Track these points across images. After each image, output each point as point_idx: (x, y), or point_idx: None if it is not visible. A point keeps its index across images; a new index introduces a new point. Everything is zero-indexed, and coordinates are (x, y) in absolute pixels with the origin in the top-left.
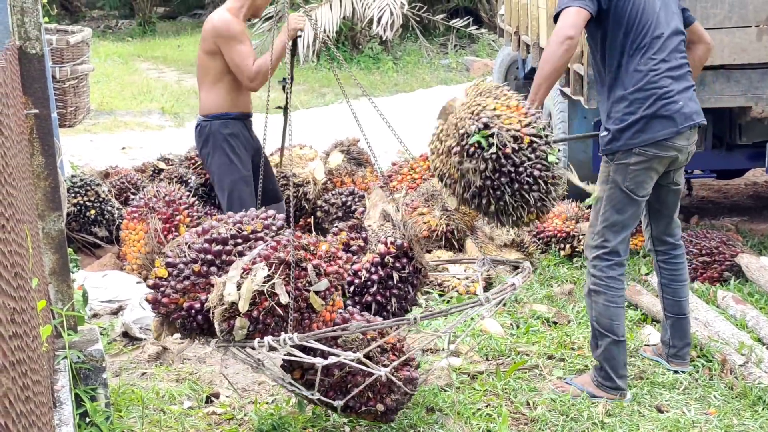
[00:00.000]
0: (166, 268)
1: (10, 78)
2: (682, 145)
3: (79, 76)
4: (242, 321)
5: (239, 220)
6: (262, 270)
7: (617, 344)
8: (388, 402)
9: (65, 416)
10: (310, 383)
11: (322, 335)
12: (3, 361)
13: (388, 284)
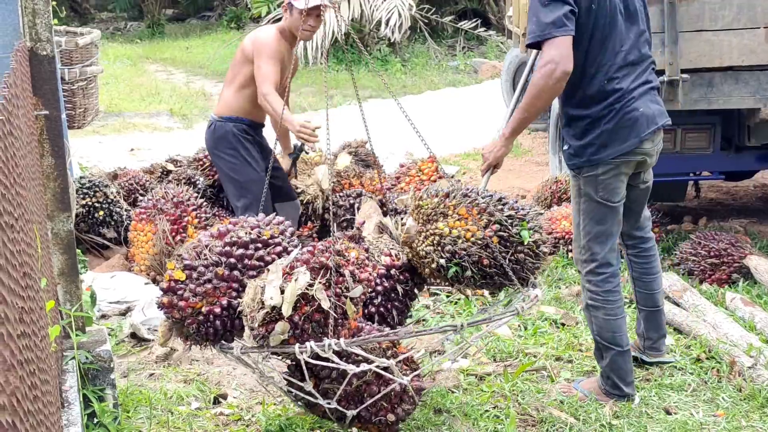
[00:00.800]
0: (183, 271)
1: (21, 79)
2: (648, 149)
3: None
4: (284, 325)
5: (257, 225)
6: (305, 274)
7: (622, 355)
8: (398, 412)
9: (73, 416)
10: (324, 392)
11: (369, 342)
12: (11, 359)
13: (391, 296)
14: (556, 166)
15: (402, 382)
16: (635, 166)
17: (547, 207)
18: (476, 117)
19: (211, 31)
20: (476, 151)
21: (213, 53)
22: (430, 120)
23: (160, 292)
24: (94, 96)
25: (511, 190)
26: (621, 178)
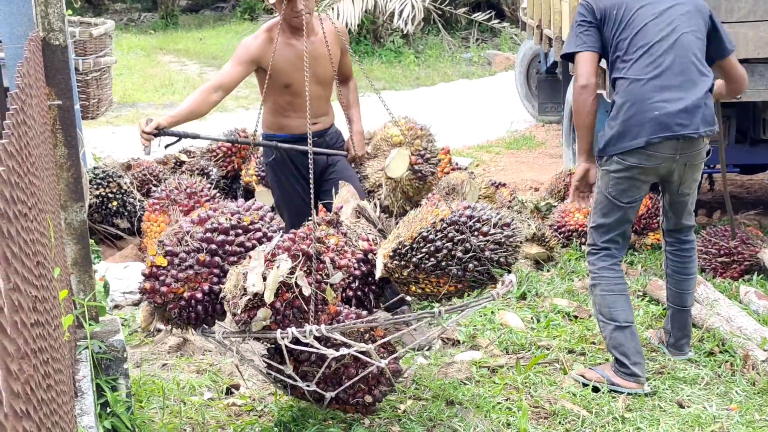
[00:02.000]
0: (165, 257)
1: (34, 69)
2: (665, 154)
3: (101, 68)
4: (266, 312)
5: (236, 211)
6: (286, 261)
7: (621, 330)
8: (375, 393)
9: (86, 406)
10: (303, 375)
11: (350, 327)
12: (24, 348)
13: (368, 280)
14: (569, 159)
15: (379, 365)
16: (657, 175)
17: (560, 199)
18: (490, 109)
19: (225, 22)
20: (489, 143)
21: (226, 44)
22: (443, 112)
23: (142, 278)
24: (107, 87)
25: (525, 183)
26: (635, 183)
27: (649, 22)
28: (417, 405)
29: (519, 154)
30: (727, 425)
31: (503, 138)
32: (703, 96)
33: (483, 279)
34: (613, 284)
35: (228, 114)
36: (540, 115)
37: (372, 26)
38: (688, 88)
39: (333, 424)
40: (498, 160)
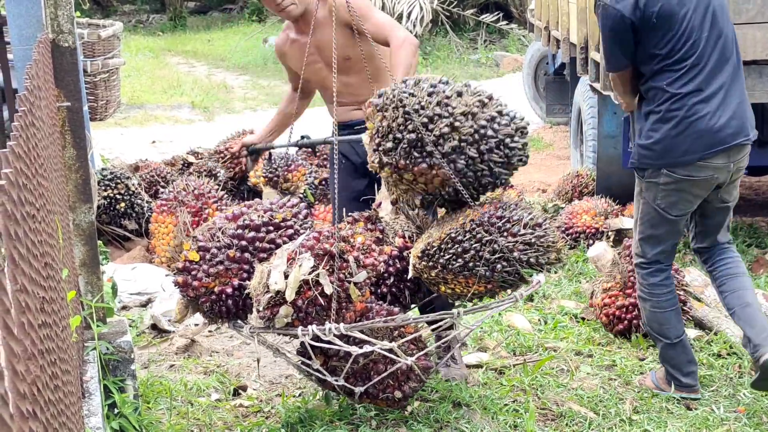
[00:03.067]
0: (197, 252)
1: (43, 71)
2: (718, 164)
3: (110, 69)
4: (287, 309)
5: (270, 208)
6: (308, 260)
7: (673, 347)
8: (405, 389)
9: (94, 407)
10: (332, 369)
11: (370, 326)
12: (32, 349)
13: (403, 277)
14: (577, 160)
15: (406, 362)
16: (707, 186)
17: (568, 201)
18: None
19: (233, 24)
20: None
21: (234, 46)
22: None
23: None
24: (116, 88)
25: (532, 184)
26: (685, 196)
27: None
28: (424, 406)
29: None
30: (734, 427)
31: None
32: (745, 98)
33: (513, 279)
34: (663, 301)
35: (235, 115)
36: (548, 117)
37: None
38: (732, 93)
39: (340, 425)
40: None
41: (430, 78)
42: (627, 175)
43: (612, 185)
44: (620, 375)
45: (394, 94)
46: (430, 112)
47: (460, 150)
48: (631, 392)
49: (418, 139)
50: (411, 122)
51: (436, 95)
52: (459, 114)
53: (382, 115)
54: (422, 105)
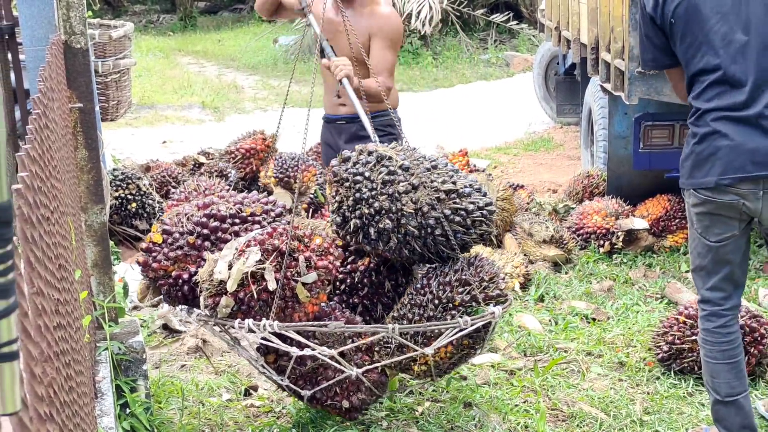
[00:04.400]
0: (161, 234)
1: (56, 72)
2: (742, 191)
3: (121, 70)
4: (228, 300)
5: (240, 201)
6: (255, 254)
7: (724, 405)
8: (354, 400)
9: (106, 407)
10: (282, 369)
11: (302, 328)
12: (48, 351)
13: (378, 291)
14: (587, 161)
15: (350, 373)
16: (733, 210)
17: (578, 201)
18: (508, 110)
19: (243, 24)
20: (507, 144)
21: (245, 46)
22: (461, 113)
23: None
24: (126, 88)
25: (543, 184)
26: (718, 219)
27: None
28: (435, 407)
29: (537, 156)
30: None
31: (521, 140)
32: None
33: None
34: (716, 351)
35: (246, 115)
36: (558, 117)
37: None
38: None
39: (351, 426)
40: (516, 161)
41: (397, 154)
42: (638, 176)
43: (623, 186)
44: (630, 376)
45: (351, 171)
46: (378, 204)
47: (404, 242)
48: (641, 393)
49: (363, 226)
50: (359, 209)
51: (391, 185)
52: (408, 210)
53: (337, 188)
54: (373, 195)
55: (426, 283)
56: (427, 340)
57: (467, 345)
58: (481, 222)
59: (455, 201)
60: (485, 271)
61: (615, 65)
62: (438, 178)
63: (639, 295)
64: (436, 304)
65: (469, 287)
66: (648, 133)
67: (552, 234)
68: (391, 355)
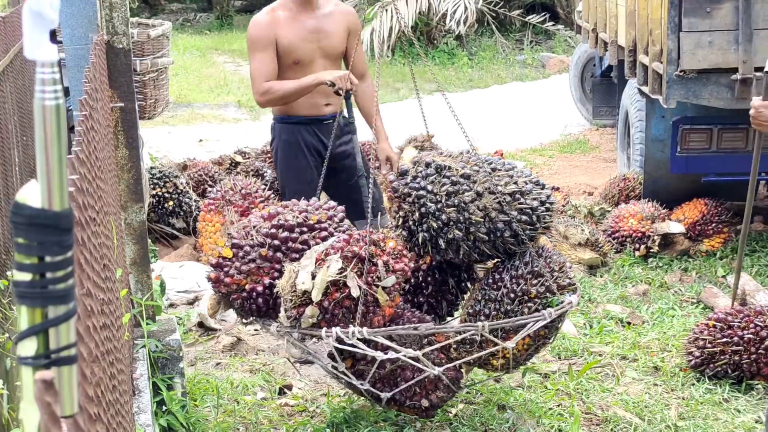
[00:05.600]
0: (231, 249)
1: (99, 72)
2: None
3: (159, 69)
4: (313, 310)
5: (305, 209)
6: (336, 262)
7: None
8: (433, 398)
9: (143, 404)
10: (359, 373)
11: (395, 332)
12: (95, 351)
13: (442, 288)
14: (624, 163)
15: (432, 372)
16: None
17: (614, 204)
18: (543, 112)
19: None
20: (542, 146)
21: None
22: (496, 114)
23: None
24: (164, 87)
25: (578, 187)
26: None
27: None
28: (468, 409)
29: (572, 158)
30: None
31: (557, 141)
32: None
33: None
34: None
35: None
36: (594, 119)
37: (425, 28)
38: None
39: (385, 426)
40: (551, 163)
41: (455, 162)
42: (674, 180)
43: (659, 189)
44: (665, 381)
45: (412, 186)
46: (446, 217)
47: (473, 248)
48: (676, 398)
49: (431, 239)
50: (426, 222)
51: (456, 196)
52: (476, 219)
53: (399, 203)
54: (439, 207)
55: (498, 278)
56: (506, 334)
57: (543, 335)
58: (545, 216)
59: (520, 201)
60: (554, 261)
61: (653, 68)
62: (500, 181)
63: (674, 299)
64: (512, 297)
65: (543, 278)
66: (686, 137)
67: (587, 237)
68: (469, 351)
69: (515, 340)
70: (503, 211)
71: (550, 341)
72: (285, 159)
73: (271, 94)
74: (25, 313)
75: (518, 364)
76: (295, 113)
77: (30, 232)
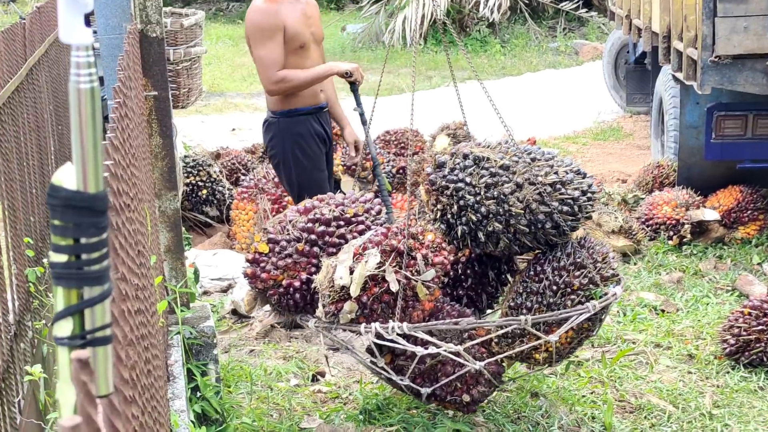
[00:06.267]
0: (267, 244)
1: (133, 61)
2: None
3: (192, 58)
4: (352, 305)
5: (341, 203)
6: (375, 256)
7: None
8: (474, 393)
9: (178, 390)
10: (400, 369)
11: (432, 327)
12: (130, 335)
13: (482, 281)
14: (658, 151)
15: (473, 367)
16: None
17: (648, 192)
18: (576, 99)
19: None
20: (576, 133)
21: None
22: (529, 102)
23: (246, 263)
24: (197, 76)
25: (612, 174)
26: None
27: None
28: (501, 396)
29: (606, 145)
30: None
31: (590, 129)
32: None
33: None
34: None
35: None
36: (628, 106)
37: (458, 15)
38: None
39: (417, 414)
40: (585, 151)
41: (493, 153)
42: (709, 167)
43: (693, 176)
44: (700, 369)
45: (450, 179)
46: (485, 209)
47: (513, 240)
48: (711, 386)
49: (470, 232)
50: (465, 215)
51: (495, 188)
52: (516, 210)
53: (437, 196)
54: (478, 200)
55: (540, 270)
56: (548, 327)
57: (586, 328)
58: (587, 206)
59: (561, 191)
60: (597, 251)
61: (687, 54)
62: (540, 171)
63: (709, 287)
64: (555, 290)
65: (586, 270)
66: (720, 123)
67: (621, 224)
68: (511, 345)
69: (558, 333)
70: (544, 202)
71: (593, 333)
72: (302, 151)
73: (286, 83)
74: (60, 293)
75: (561, 358)
76: (302, 104)
77: (66, 213)
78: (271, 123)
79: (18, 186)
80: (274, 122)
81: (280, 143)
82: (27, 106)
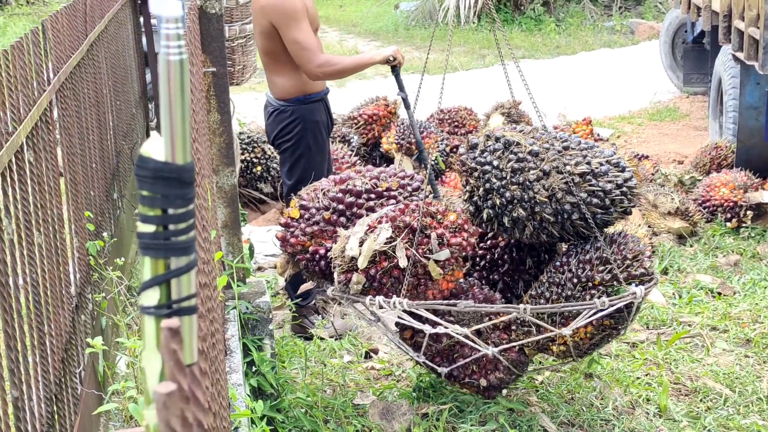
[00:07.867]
0: (299, 209)
1: (193, 37)
2: None
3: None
4: (359, 277)
5: (377, 176)
6: (386, 231)
7: None
8: (491, 378)
9: (235, 364)
10: (418, 345)
11: (432, 306)
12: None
13: (519, 267)
14: (716, 132)
15: (486, 352)
16: None
17: (705, 173)
18: (632, 79)
19: None
20: (631, 113)
21: (366, 12)
22: (584, 81)
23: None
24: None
25: (668, 155)
26: None
27: None
28: (555, 377)
29: (662, 126)
30: None
31: (646, 109)
32: None
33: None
34: None
35: (366, 81)
36: (685, 86)
37: None
38: None
39: (470, 393)
40: (640, 131)
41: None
42: None
43: (752, 158)
44: (757, 353)
45: (479, 160)
46: (510, 194)
47: (540, 228)
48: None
49: (496, 216)
50: (491, 198)
51: (521, 173)
52: (541, 198)
53: (467, 177)
54: (503, 184)
55: (565, 261)
56: (565, 320)
57: (609, 325)
58: (621, 200)
59: (591, 183)
60: (629, 248)
61: (749, 33)
62: (571, 160)
63: (767, 270)
64: (575, 283)
65: (610, 266)
66: None
67: (677, 206)
68: (527, 335)
69: (571, 327)
70: (570, 191)
71: (620, 332)
72: (314, 139)
73: (329, 67)
74: (148, 263)
75: (582, 353)
76: (315, 90)
77: (154, 184)
78: (283, 110)
79: (79, 160)
80: (287, 109)
81: (297, 131)
82: (87, 81)
